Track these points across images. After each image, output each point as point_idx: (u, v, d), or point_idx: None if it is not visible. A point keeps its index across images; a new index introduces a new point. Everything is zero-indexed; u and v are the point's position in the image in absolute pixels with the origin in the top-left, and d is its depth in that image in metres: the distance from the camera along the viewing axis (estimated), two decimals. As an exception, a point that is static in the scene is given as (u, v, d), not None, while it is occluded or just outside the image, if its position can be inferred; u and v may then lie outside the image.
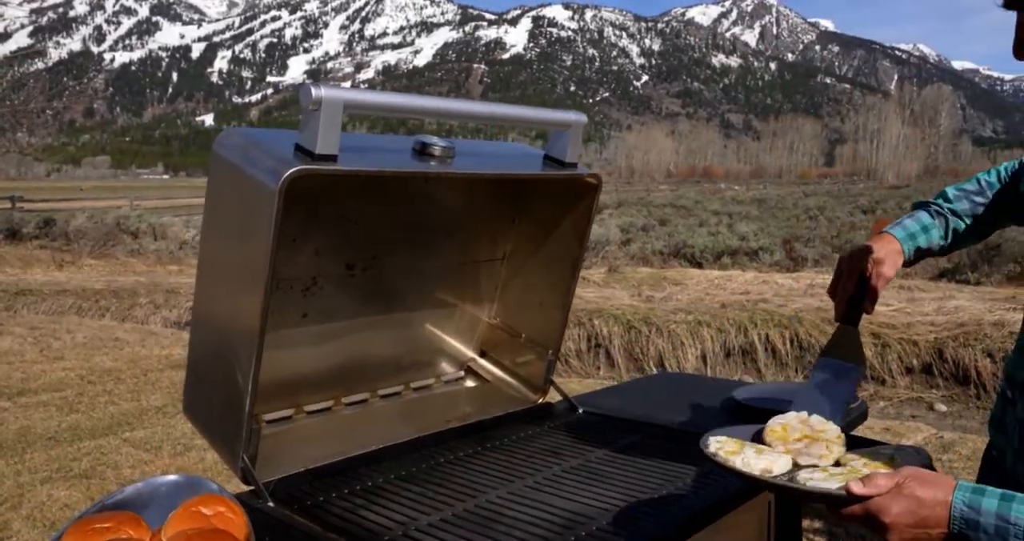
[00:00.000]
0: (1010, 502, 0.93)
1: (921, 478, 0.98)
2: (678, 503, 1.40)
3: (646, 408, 2.00)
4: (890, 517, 0.95)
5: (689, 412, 1.95)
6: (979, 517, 0.93)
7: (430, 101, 1.51)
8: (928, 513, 0.95)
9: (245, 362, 1.40)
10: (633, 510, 1.38)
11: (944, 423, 5.23)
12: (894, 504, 0.96)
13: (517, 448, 1.75)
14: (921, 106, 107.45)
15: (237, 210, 1.38)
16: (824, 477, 1.05)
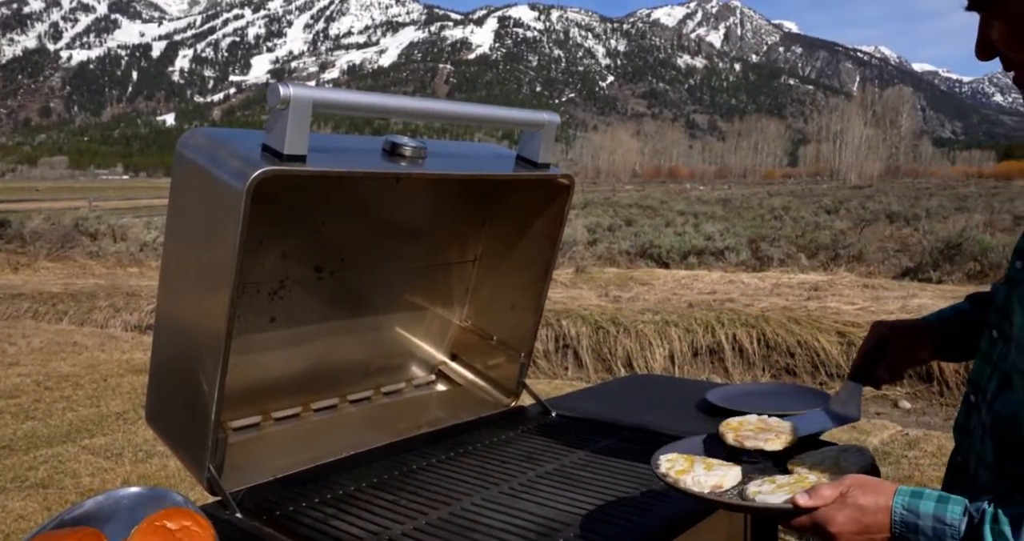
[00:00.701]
0: (946, 503, 0.96)
1: (864, 486, 1.01)
2: (655, 508, 1.38)
3: (620, 410, 1.98)
4: (836, 526, 0.99)
5: (663, 414, 1.93)
6: (918, 520, 0.96)
7: (402, 100, 1.48)
8: (871, 520, 0.98)
9: (211, 368, 1.35)
10: (610, 515, 1.36)
11: (908, 420, 5.30)
12: (839, 514, 0.99)
13: (491, 453, 1.72)
14: (883, 107, 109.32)
15: (202, 212, 1.34)
16: (772, 489, 1.08)
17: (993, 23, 1.02)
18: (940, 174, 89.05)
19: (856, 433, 4.50)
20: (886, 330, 1.40)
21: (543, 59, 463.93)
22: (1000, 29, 1.01)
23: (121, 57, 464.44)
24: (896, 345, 1.39)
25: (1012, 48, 1.01)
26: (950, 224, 14.30)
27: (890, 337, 1.39)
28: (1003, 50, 1.02)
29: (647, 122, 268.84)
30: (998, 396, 1.06)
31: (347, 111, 1.37)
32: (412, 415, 1.96)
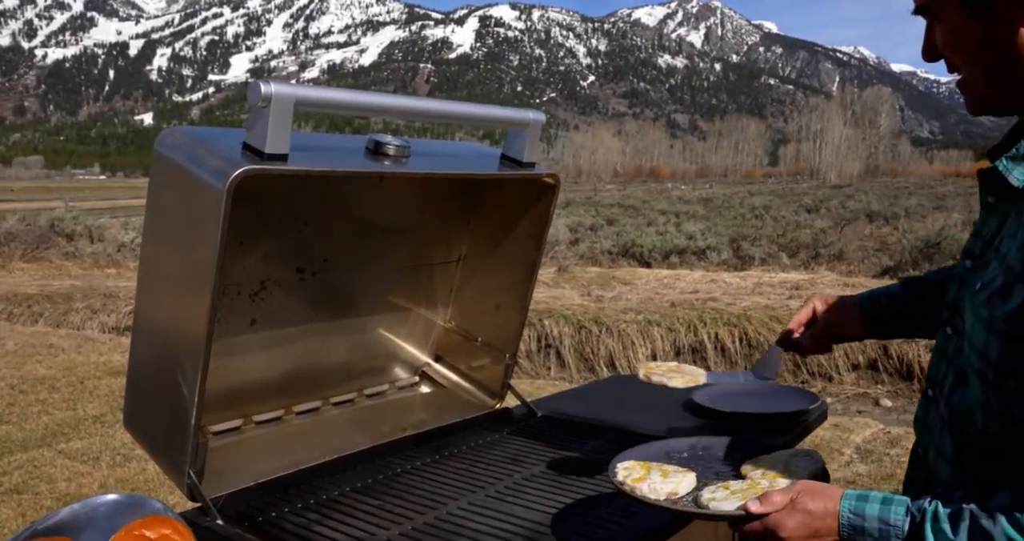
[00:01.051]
0: (889, 505, 1.00)
1: (812, 492, 1.05)
2: (644, 511, 1.36)
3: (605, 411, 1.97)
4: (786, 532, 1.02)
5: (649, 415, 1.92)
6: (863, 522, 1.00)
7: (386, 99, 1.45)
8: (820, 524, 1.01)
9: (190, 372, 1.32)
10: (599, 519, 1.35)
11: (890, 418, 5.33)
12: (789, 519, 1.03)
13: (476, 456, 1.70)
14: (862, 107, 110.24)
15: (182, 212, 1.31)
16: (725, 496, 1.11)
17: (936, 28, 1.07)
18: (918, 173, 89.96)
19: (839, 432, 4.52)
20: (818, 303, 1.50)
21: (524, 59, 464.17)
22: (941, 34, 1.05)
23: (98, 55, 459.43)
24: (824, 317, 1.48)
25: (951, 52, 1.06)
26: (929, 223, 14.44)
27: (822, 310, 1.49)
28: (944, 54, 1.07)
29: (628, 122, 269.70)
30: (955, 391, 1.09)
31: (330, 109, 1.35)
32: (396, 417, 1.93)
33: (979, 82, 1.05)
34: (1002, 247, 1.03)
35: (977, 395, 1.03)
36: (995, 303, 0.98)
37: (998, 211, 1.08)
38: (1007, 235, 1.04)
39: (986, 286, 1.02)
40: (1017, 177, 1.01)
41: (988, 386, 1.00)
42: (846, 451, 4.23)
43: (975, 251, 1.11)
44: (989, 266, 1.04)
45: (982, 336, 1.00)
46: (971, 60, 1.04)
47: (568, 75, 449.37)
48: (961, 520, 0.95)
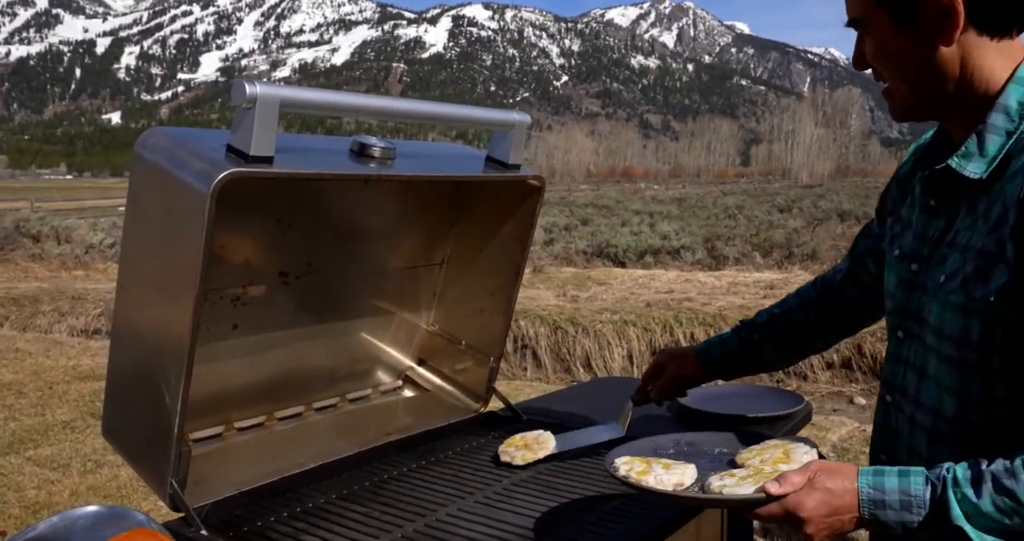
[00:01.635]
0: (907, 477, 1.01)
1: (829, 470, 1.05)
2: (636, 515, 1.36)
3: (590, 415, 1.96)
4: (806, 511, 1.02)
5: (635, 417, 1.91)
6: (884, 496, 1.01)
7: (371, 100, 1.43)
8: (840, 502, 1.02)
9: (173, 379, 1.29)
10: (590, 524, 1.33)
11: (864, 416, 5.39)
12: (808, 499, 1.02)
13: (463, 461, 1.68)
14: (833, 108, 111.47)
15: (164, 215, 1.28)
16: (735, 482, 1.10)
17: (866, 40, 1.14)
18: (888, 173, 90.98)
19: (815, 430, 4.56)
20: (663, 357, 1.71)
21: (497, 58, 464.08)
22: (871, 46, 1.13)
23: (63, 53, 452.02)
24: (668, 370, 1.68)
25: (879, 64, 1.14)
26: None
27: (664, 362, 1.70)
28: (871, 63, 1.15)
29: (601, 122, 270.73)
30: (920, 390, 1.14)
31: (316, 110, 1.32)
32: (380, 422, 1.91)
33: (902, 92, 1.13)
34: (959, 240, 1.10)
35: (949, 383, 1.08)
36: (972, 288, 1.04)
37: (940, 213, 1.15)
38: (962, 228, 1.10)
39: (952, 276, 1.08)
40: (973, 171, 1.07)
41: (968, 369, 1.05)
42: (823, 450, 4.27)
43: (921, 254, 1.17)
44: (948, 260, 1.10)
45: (958, 322, 1.05)
46: (896, 72, 1.12)
47: (541, 75, 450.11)
48: (983, 482, 0.97)
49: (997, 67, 1.08)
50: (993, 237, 1.02)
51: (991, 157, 1.07)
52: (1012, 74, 1.07)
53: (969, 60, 1.07)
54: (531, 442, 1.65)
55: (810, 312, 1.60)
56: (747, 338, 1.62)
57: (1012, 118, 1.06)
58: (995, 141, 1.07)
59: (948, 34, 1.05)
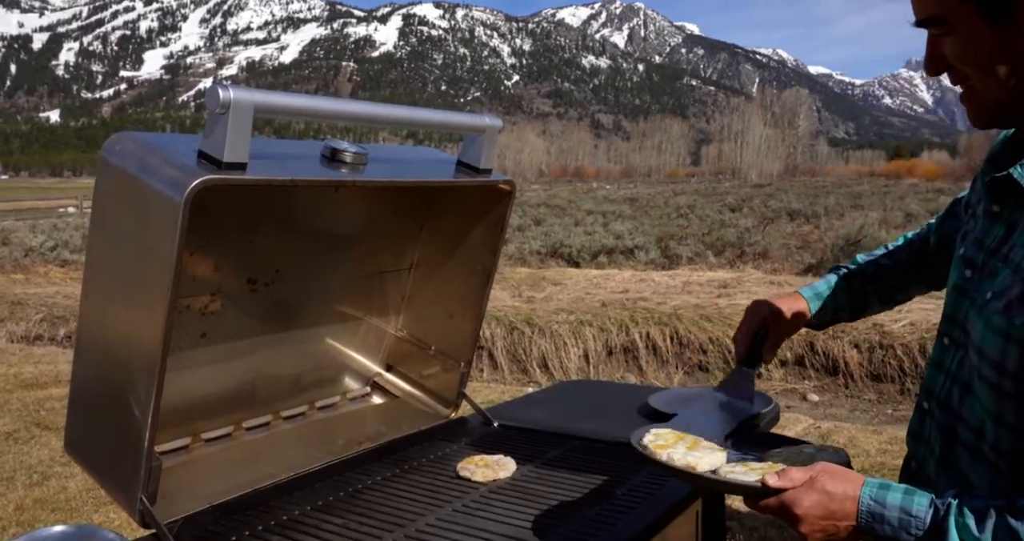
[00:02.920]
0: (912, 495, 0.99)
1: (832, 473, 1.03)
2: (617, 522, 1.36)
3: (563, 419, 1.96)
4: (802, 509, 1.01)
5: (607, 421, 1.92)
6: (884, 510, 0.99)
7: (346, 105, 1.41)
8: (837, 507, 1.00)
9: (143, 391, 1.26)
10: (573, 531, 1.33)
11: (817, 412, 5.50)
12: (806, 497, 1.01)
13: (438, 468, 1.67)
14: (781, 108, 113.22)
15: (132, 224, 1.24)
16: (745, 471, 1.10)
17: (944, 40, 1.05)
18: (835, 173, 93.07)
19: (773, 428, 4.63)
20: (767, 314, 1.49)
21: (448, 57, 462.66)
22: (955, 45, 1.04)
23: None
24: (775, 328, 1.49)
25: (966, 63, 1.04)
26: (847, 221, 14.95)
27: (770, 321, 1.49)
28: (954, 64, 1.06)
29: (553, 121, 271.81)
30: (962, 404, 1.09)
31: (291, 116, 1.30)
32: (349, 430, 1.88)
33: (991, 93, 1.04)
34: (1013, 255, 1.03)
35: (988, 407, 1.03)
36: (1014, 311, 0.98)
37: (1002, 220, 1.08)
38: (1018, 243, 1.03)
39: (999, 295, 1.01)
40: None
41: (1004, 397, 1.00)
42: (779, 447, 4.34)
43: (976, 261, 1.10)
44: (999, 275, 1.04)
45: (998, 346, 0.99)
46: (986, 71, 1.03)
47: (492, 75, 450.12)
48: (988, 517, 0.94)
49: None
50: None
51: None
52: None
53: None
54: (491, 463, 1.61)
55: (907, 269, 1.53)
56: (859, 290, 1.52)
57: None
58: None
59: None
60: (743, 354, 1.50)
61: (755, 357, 1.49)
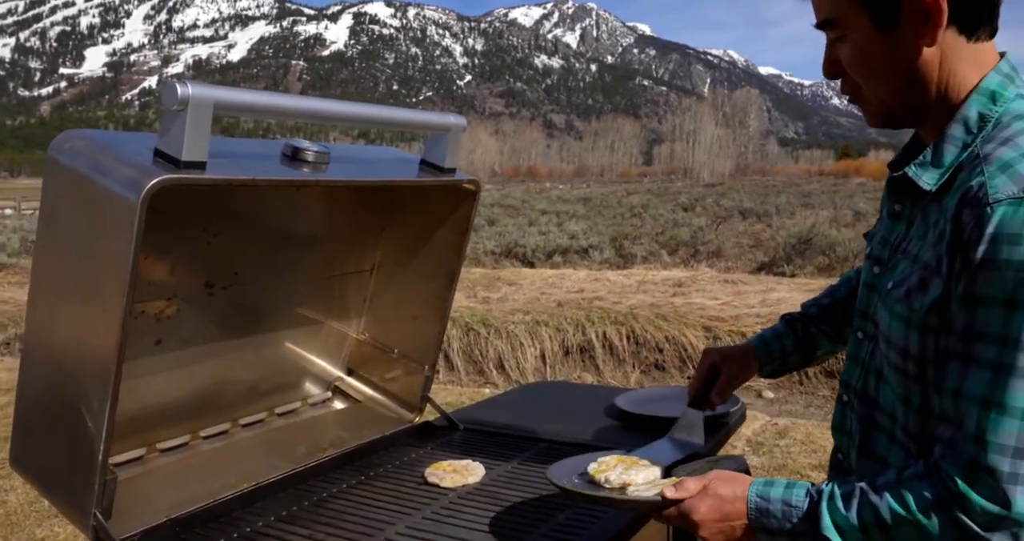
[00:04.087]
0: (792, 488, 1.07)
1: (724, 478, 1.11)
2: (588, 526, 1.34)
3: (529, 421, 1.94)
4: (699, 515, 1.08)
5: (572, 423, 1.90)
6: (769, 505, 1.06)
7: (306, 102, 1.37)
8: (730, 508, 1.08)
9: (96, 402, 1.20)
10: (543, 536, 1.31)
11: (773, 409, 5.56)
12: (701, 504, 1.09)
13: (404, 474, 1.63)
14: (732, 108, 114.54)
15: (85, 226, 1.18)
16: (648, 487, 1.16)
17: (840, 45, 1.09)
18: (785, 172, 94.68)
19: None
20: (716, 358, 1.55)
21: (400, 57, 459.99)
22: (849, 50, 1.08)
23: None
24: (726, 373, 1.54)
25: (857, 69, 1.09)
26: (799, 219, 15.21)
27: (719, 364, 1.54)
28: (846, 71, 1.10)
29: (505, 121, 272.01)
30: (877, 391, 1.14)
31: (252, 113, 1.26)
32: (311, 437, 1.84)
33: (882, 98, 1.10)
34: (911, 248, 1.09)
35: (898, 391, 1.08)
36: (913, 299, 1.03)
37: (903, 218, 1.14)
38: (915, 237, 1.09)
39: (899, 285, 1.07)
40: (927, 181, 1.07)
41: (909, 380, 1.06)
42: (738, 444, 4.38)
43: (882, 257, 1.17)
44: (898, 267, 1.10)
45: (901, 332, 1.05)
46: (875, 76, 1.08)
47: (445, 74, 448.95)
48: (854, 497, 1.01)
49: (968, 73, 1.06)
50: (936, 250, 1.01)
51: (944, 169, 1.06)
52: (976, 85, 1.06)
53: (946, 63, 1.05)
54: (460, 469, 1.60)
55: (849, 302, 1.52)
56: (804, 333, 1.57)
57: (971, 129, 1.05)
58: (951, 152, 1.06)
59: (931, 33, 1.02)
60: (692, 397, 1.54)
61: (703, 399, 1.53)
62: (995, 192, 0.94)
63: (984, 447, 0.93)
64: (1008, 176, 0.95)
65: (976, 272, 0.94)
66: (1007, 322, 0.92)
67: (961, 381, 0.96)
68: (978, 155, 1.01)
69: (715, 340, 6.48)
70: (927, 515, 0.96)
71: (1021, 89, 1.07)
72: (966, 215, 0.96)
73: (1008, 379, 0.92)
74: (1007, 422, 0.92)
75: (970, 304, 0.95)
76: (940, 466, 0.97)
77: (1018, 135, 1.00)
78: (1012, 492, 0.92)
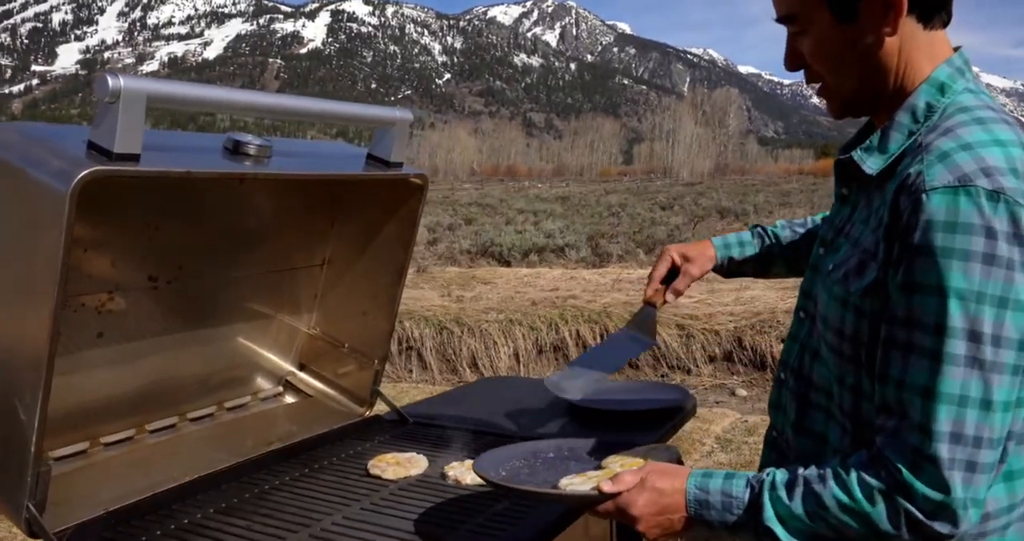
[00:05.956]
0: (732, 479, 1.06)
1: (661, 471, 1.10)
2: (526, 516, 1.36)
3: (478, 415, 1.95)
4: (637, 509, 1.07)
5: (522, 417, 1.92)
6: (708, 496, 1.05)
7: (244, 95, 1.38)
8: (668, 501, 1.07)
9: (29, 395, 1.20)
10: (480, 526, 1.33)
11: (745, 407, 5.61)
12: (639, 498, 1.07)
13: (348, 467, 1.64)
14: (712, 107, 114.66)
15: (15, 218, 1.18)
16: (582, 481, 1.15)
17: (801, 38, 1.11)
18: (765, 171, 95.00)
19: (699, 423, 4.71)
20: (675, 255, 1.58)
21: (378, 55, 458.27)
22: (810, 43, 1.10)
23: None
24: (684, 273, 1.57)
25: (819, 61, 1.10)
26: (776, 218, 15.34)
27: (677, 262, 1.58)
28: (809, 63, 1.12)
29: (484, 120, 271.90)
30: (812, 368, 1.16)
31: (185, 106, 1.26)
32: (260, 431, 1.84)
33: (844, 89, 1.11)
34: (853, 231, 1.11)
35: (834, 371, 1.10)
36: (850, 281, 1.05)
37: (849, 201, 1.16)
38: (858, 220, 1.11)
39: (838, 267, 1.09)
40: (870, 166, 1.08)
41: (844, 361, 1.07)
42: (707, 441, 4.43)
43: (827, 239, 1.19)
44: (840, 250, 1.12)
45: (838, 313, 1.07)
46: (837, 68, 1.10)
47: (423, 73, 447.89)
48: (796, 486, 1.01)
49: (922, 63, 1.08)
50: (874, 235, 1.03)
51: (888, 155, 1.07)
52: (927, 76, 1.07)
53: (904, 52, 1.07)
54: (403, 461, 1.61)
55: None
56: (767, 248, 1.59)
57: (917, 118, 1.06)
58: (897, 139, 1.07)
59: (893, 22, 1.04)
60: (650, 293, 1.57)
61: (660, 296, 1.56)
62: (932, 180, 0.96)
63: (928, 436, 0.94)
64: (945, 165, 0.97)
65: (913, 259, 0.96)
66: (940, 310, 0.94)
67: (904, 371, 0.97)
68: (920, 144, 1.03)
69: (688, 337, 6.52)
70: (872, 503, 0.97)
71: (970, 83, 1.08)
72: (903, 202, 0.98)
73: (941, 366, 0.94)
74: (944, 409, 0.94)
75: (908, 292, 0.97)
76: (884, 455, 0.98)
77: (959, 127, 1.02)
78: (951, 478, 0.94)
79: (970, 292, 0.93)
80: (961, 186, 0.94)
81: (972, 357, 0.93)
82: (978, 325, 0.93)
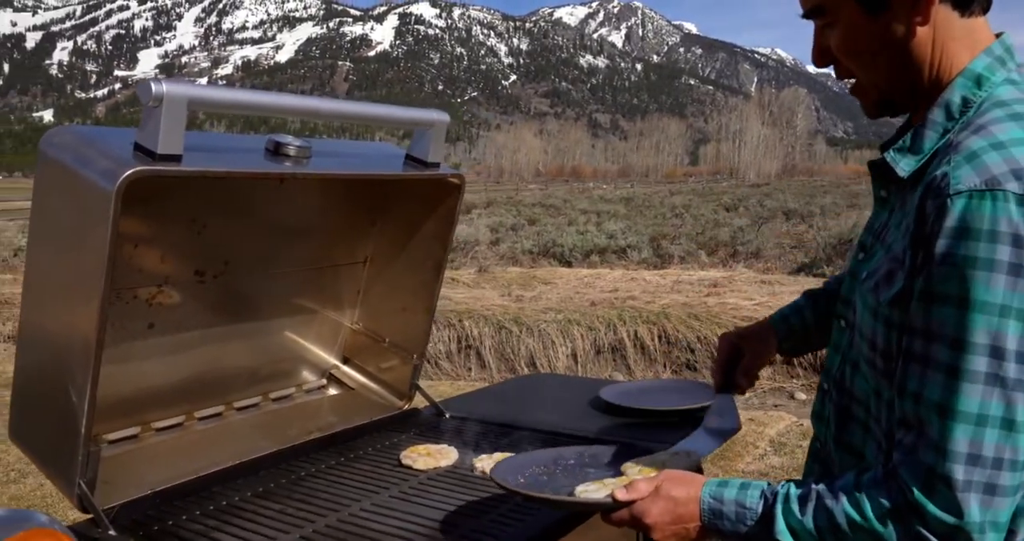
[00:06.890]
0: (746, 489, 1.04)
1: (676, 479, 1.08)
2: (544, 509, 1.39)
3: (514, 411, 1.98)
4: (651, 518, 1.05)
5: (556, 413, 1.95)
6: (722, 506, 1.04)
7: (281, 98, 1.44)
8: (683, 510, 1.05)
9: (80, 379, 1.28)
10: (504, 517, 1.36)
11: (803, 411, 5.49)
12: (654, 506, 1.05)
13: (382, 457, 1.70)
14: (779, 108, 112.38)
15: (69, 215, 1.27)
16: (598, 488, 1.15)
17: (829, 32, 1.07)
18: (833, 172, 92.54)
19: (754, 425, 4.65)
20: (735, 339, 1.49)
21: (445, 57, 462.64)
22: (838, 36, 1.05)
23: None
24: (748, 352, 1.48)
25: (848, 55, 1.06)
26: (842, 221, 14.94)
27: (740, 346, 1.48)
28: (839, 57, 1.07)
29: (550, 121, 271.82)
30: (853, 381, 1.11)
31: (225, 109, 1.33)
32: (302, 421, 1.91)
33: (877, 84, 1.07)
34: (888, 237, 1.06)
35: (871, 383, 1.06)
36: (881, 290, 1.00)
37: (888, 204, 1.10)
38: (892, 225, 1.06)
39: (872, 275, 1.04)
40: (903, 168, 1.03)
41: (879, 374, 1.03)
42: (760, 444, 4.37)
43: (866, 244, 1.14)
44: (875, 256, 1.07)
45: (870, 324, 1.03)
46: (868, 63, 1.05)
47: (490, 74, 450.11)
48: (809, 500, 0.99)
49: (959, 53, 1.01)
50: (903, 241, 0.98)
51: (922, 155, 1.02)
52: (963, 68, 1.01)
53: (938, 42, 1.00)
54: (434, 452, 1.66)
55: None
56: (826, 308, 1.45)
57: (952, 115, 1.00)
58: (931, 138, 1.01)
59: (924, 10, 0.98)
60: (719, 382, 1.50)
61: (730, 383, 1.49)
62: (957, 183, 0.90)
63: (942, 456, 0.90)
64: (972, 167, 0.91)
65: (934, 268, 0.91)
66: (959, 322, 0.89)
67: (921, 385, 0.93)
68: (951, 142, 0.97)
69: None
70: (883, 523, 0.94)
71: (1012, 74, 1.02)
72: (928, 206, 0.92)
73: (959, 383, 0.89)
74: (960, 428, 0.89)
75: (927, 302, 0.92)
76: (898, 473, 0.94)
77: (992, 123, 0.95)
78: (966, 501, 0.90)
79: (993, 305, 0.87)
80: (988, 190, 0.88)
81: (994, 374, 0.88)
82: (1001, 340, 0.88)
